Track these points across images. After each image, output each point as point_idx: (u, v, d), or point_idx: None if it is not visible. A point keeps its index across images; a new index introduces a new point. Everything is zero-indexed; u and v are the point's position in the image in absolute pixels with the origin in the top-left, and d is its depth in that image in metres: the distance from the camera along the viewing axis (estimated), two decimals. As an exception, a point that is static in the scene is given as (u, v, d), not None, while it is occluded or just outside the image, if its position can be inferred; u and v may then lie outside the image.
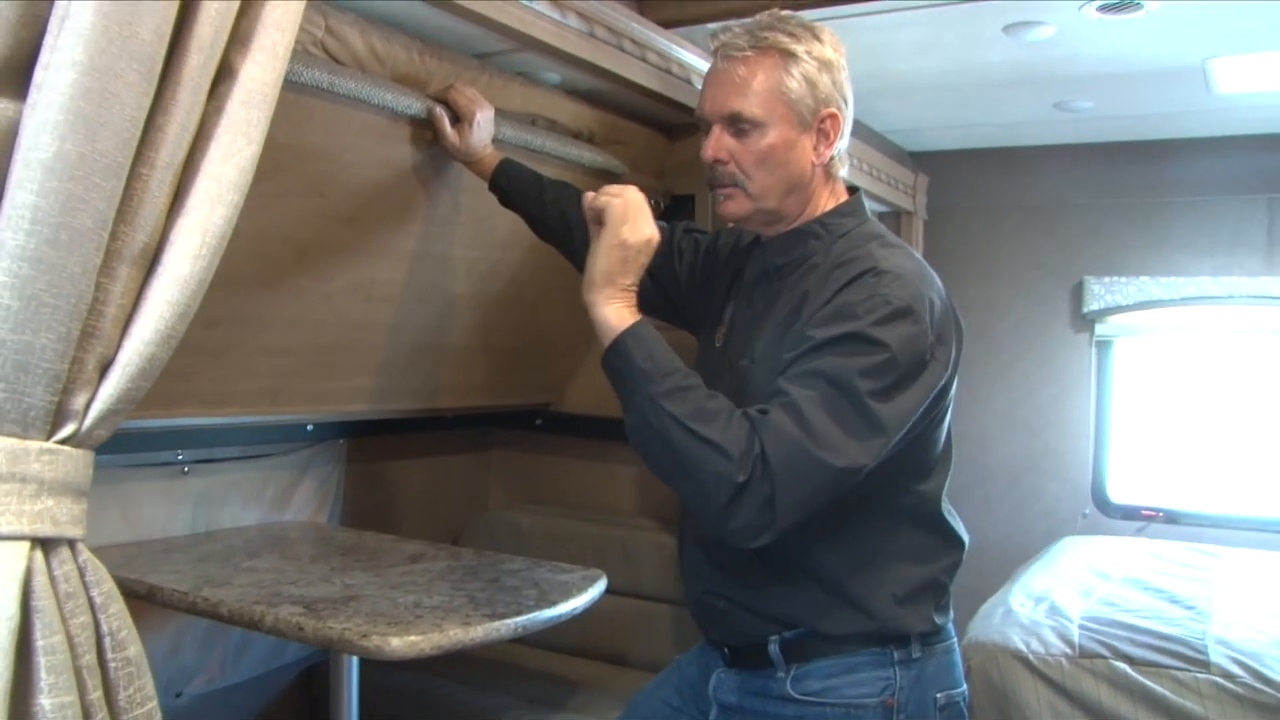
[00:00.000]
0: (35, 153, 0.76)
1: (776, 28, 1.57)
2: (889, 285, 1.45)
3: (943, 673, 1.59)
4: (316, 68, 1.74)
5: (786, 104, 1.55)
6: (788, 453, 1.37)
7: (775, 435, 1.38)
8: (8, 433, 0.81)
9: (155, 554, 2.17)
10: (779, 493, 1.36)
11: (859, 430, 1.39)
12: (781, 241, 1.64)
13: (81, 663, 0.83)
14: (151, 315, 0.86)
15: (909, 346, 1.43)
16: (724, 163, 1.59)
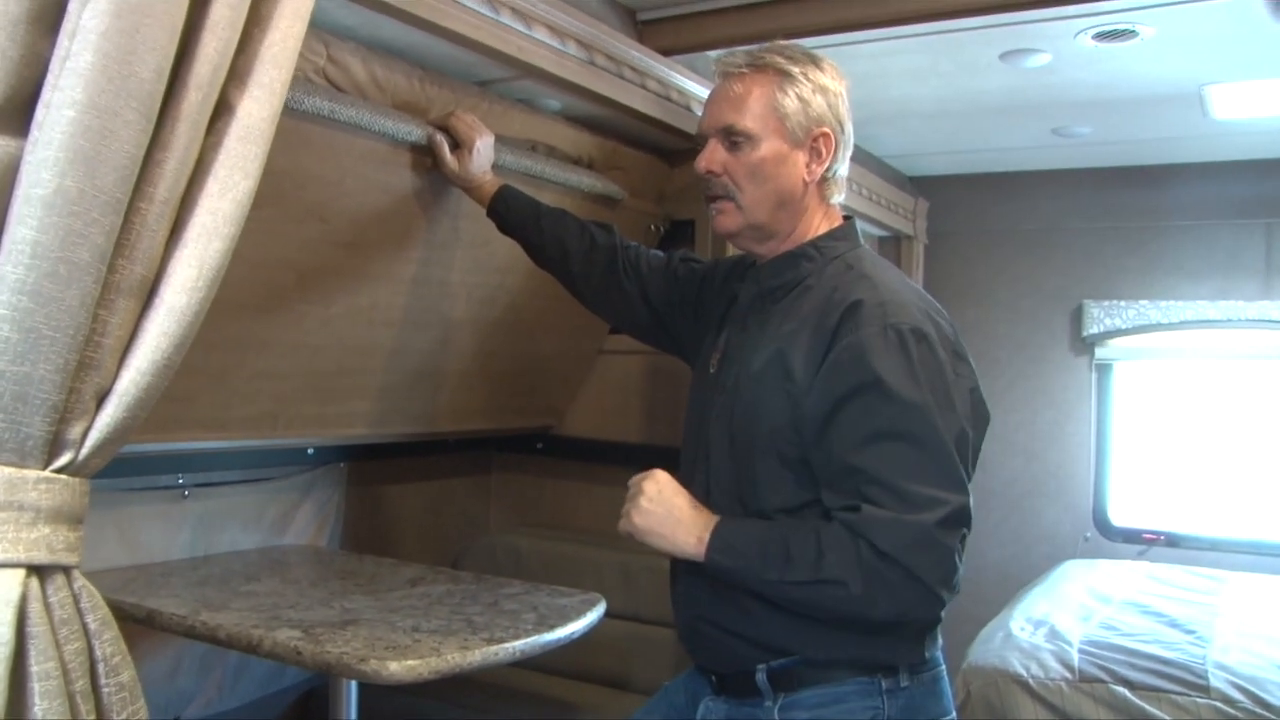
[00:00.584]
0: (36, 189, 0.78)
1: (776, 51, 1.63)
2: (895, 314, 1.49)
3: (931, 700, 1.58)
4: (318, 95, 1.76)
5: (779, 119, 1.59)
6: (895, 535, 1.41)
7: (876, 527, 1.42)
8: (5, 462, 0.82)
9: (154, 577, 2.17)
10: (916, 571, 1.41)
11: (937, 473, 1.44)
12: (775, 264, 1.67)
13: (75, 688, 0.84)
14: (148, 346, 0.87)
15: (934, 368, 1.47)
16: (717, 174, 1.64)
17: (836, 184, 1.67)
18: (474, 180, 2.06)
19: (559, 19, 2.10)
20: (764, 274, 1.69)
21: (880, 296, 1.50)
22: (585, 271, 2.01)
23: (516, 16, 2.00)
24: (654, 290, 1.96)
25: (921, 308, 1.53)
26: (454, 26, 1.87)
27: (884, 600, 1.43)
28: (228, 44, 0.87)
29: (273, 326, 2.06)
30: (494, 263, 2.42)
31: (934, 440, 1.44)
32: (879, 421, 1.45)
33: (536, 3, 2.03)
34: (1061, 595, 3.35)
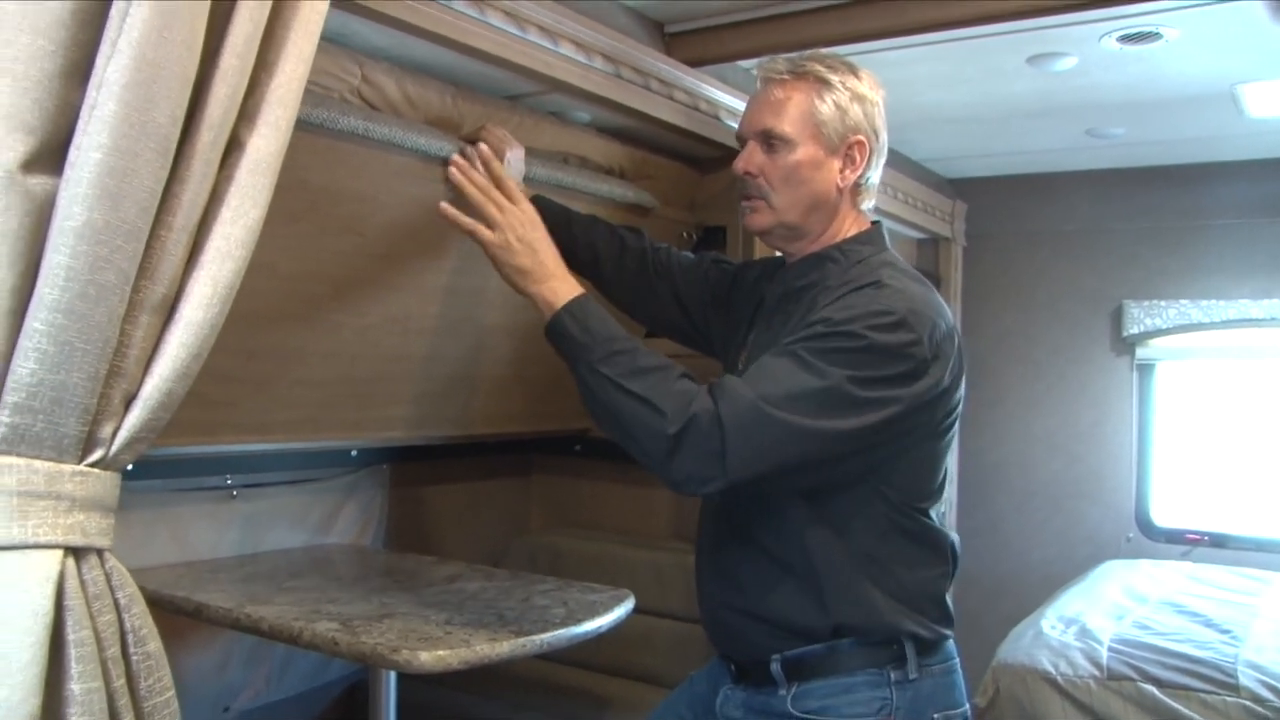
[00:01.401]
0: (68, 221, 0.89)
1: (817, 59, 1.71)
2: (888, 298, 1.54)
3: (941, 692, 1.63)
4: (352, 115, 1.84)
5: (816, 126, 1.66)
6: (739, 410, 1.47)
7: (730, 394, 1.48)
8: (45, 457, 0.93)
9: (203, 574, 2.27)
10: (729, 445, 1.45)
11: (825, 402, 1.48)
12: (801, 265, 1.74)
13: (107, 655, 0.95)
14: (169, 356, 0.98)
15: (894, 348, 1.50)
16: (753, 175, 1.71)
17: (868, 191, 1.74)
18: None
19: (585, 35, 2.16)
20: (790, 274, 1.76)
21: (883, 283, 1.57)
22: (617, 274, 2.07)
23: (543, 34, 2.07)
24: (685, 291, 2.02)
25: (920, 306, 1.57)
26: (482, 46, 1.93)
27: (684, 456, 1.47)
28: (236, 89, 0.97)
29: (310, 336, 2.15)
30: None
31: (841, 391, 1.48)
32: (808, 348, 1.51)
33: (563, 20, 2.09)
34: (1097, 594, 3.36)
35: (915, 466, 1.61)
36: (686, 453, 1.47)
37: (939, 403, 1.58)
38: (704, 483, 1.49)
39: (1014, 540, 4.37)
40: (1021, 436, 4.37)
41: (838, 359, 1.49)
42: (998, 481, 4.40)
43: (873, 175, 1.73)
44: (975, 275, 4.37)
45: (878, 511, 1.60)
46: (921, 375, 1.53)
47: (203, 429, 2.10)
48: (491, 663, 1.79)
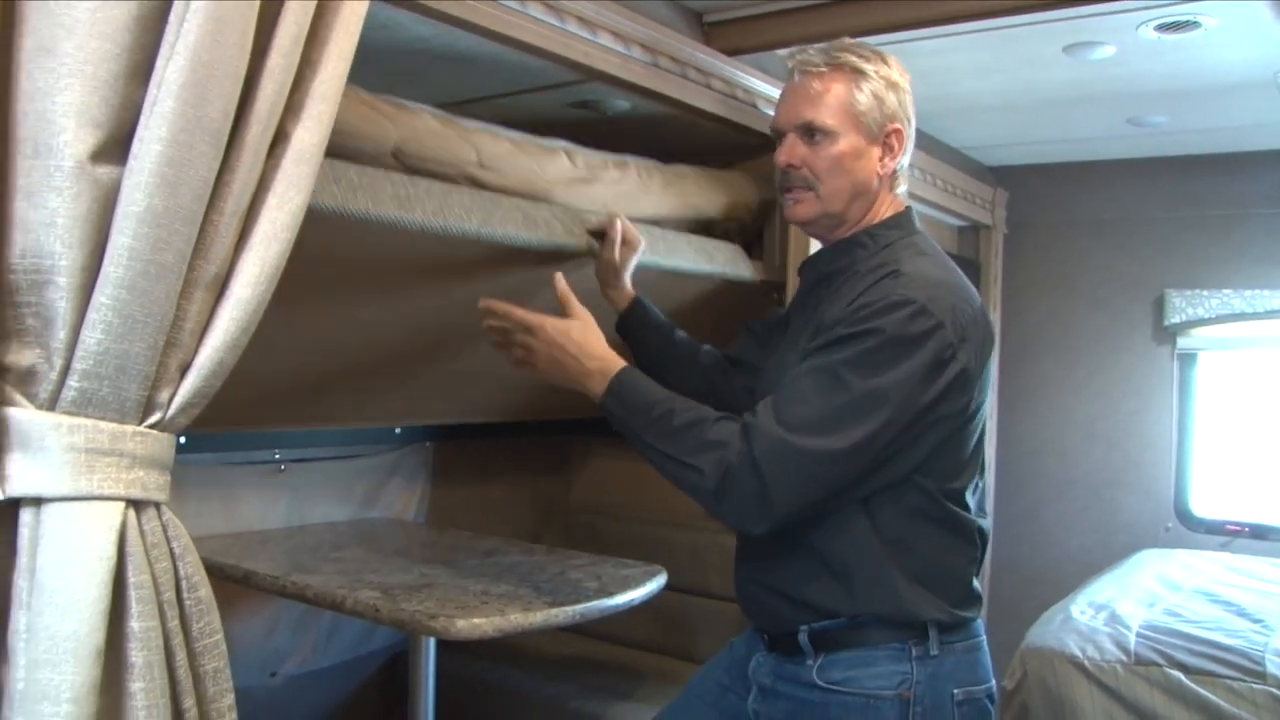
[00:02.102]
0: (131, 206, 0.98)
1: (848, 49, 1.73)
2: (904, 286, 1.57)
3: (963, 670, 1.66)
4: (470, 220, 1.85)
5: (855, 116, 1.70)
6: (772, 449, 1.52)
7: (761, 434, 1.53)
8: (110, 418, 1.03)
9: (252, 544, 2.37)
10: (770, 487, 1.52)
11: (846, 412, 1.52)
12: (832, 251, 1.78)
13: (163, 598, 1.05)
14: (220, 329, 1.08)
15: (907, 329, 1.53)
16: (796, 167, 1.73)
17: (902, 175, 1.77)
18: (622, 278, 2.11)
19: (624, 25, 2.21)
20: (821, 260, 1.80)
21: (900, 271, 1.61)
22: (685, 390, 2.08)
23: (582, 24, 2.12)
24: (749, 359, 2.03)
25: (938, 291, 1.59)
26: (523, 36, 1.98)
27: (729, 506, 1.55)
28: (283, 85, 1.06)
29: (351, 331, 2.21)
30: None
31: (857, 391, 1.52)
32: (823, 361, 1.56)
33: (602, 11, 2.14)
34: (1130, 582, 3.37)
35: (947, 451, 1.64)
36: (731, 503, 1.55)
37: (969, 385, 1.61)
38: (755, 524, 1.57)
39: (1052, 528, 4.38)
40: (1061, 424, 4.37)
41: (862, 362, 1.53)
42: (1036, 469, 4.41)
43: (905, 160, 1.76)
44: (1016, 263, 4.37)
45: (910, 498, 1.63)
46: (948, 360, 1.55)
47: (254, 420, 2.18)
48: (525, 631, 1.86)
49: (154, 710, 0.99)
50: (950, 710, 1.64)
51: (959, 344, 1.56)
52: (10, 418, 0.99)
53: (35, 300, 0.97)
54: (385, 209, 1.68)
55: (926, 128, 3.66)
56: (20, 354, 0.98)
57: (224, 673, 1.08)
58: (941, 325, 1.54)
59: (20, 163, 0.95)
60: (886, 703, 1.62)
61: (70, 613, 0.96)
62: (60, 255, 0.95)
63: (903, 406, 1.53)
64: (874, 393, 1.52)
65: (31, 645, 0.96)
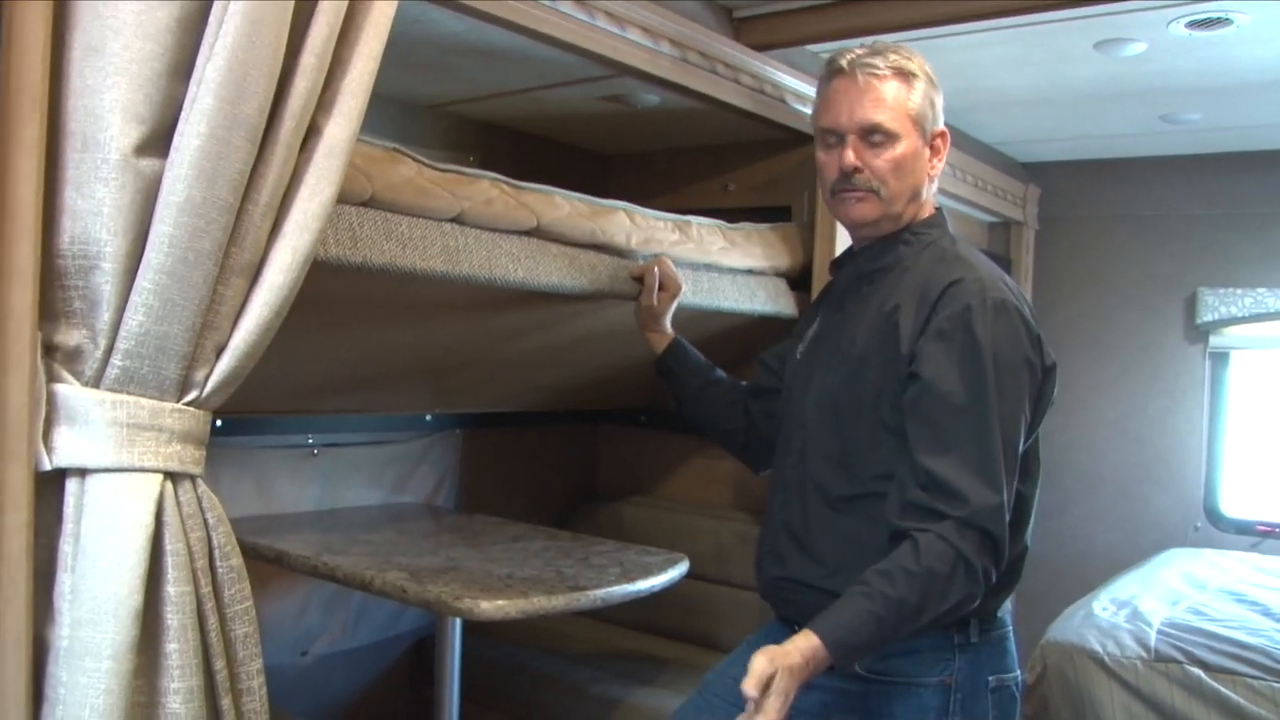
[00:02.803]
0: (172, 196, 1.04)
1: (895, 51, 1.77)
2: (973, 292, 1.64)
3: (996, 657, 1.71)
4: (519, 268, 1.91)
5: (913, 119, 1.75)
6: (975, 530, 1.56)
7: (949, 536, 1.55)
8: (150, 395, 1.09)
9: (285, 525, 2.43)
10: (998, 542, 1.58)
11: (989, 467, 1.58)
12: (875, 249, 1.82)
13: (197, 565, 1.11)
14: (254, 313, 1.14)
15: (1012, 330, 1.63)
16: (860, 170, 1.76)
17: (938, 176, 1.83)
18: (662, 322, 2.18)
19: (652, 20, 2.24)
20: (863, 258, 1.84)
21: (977, 274, 1.67)
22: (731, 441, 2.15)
23: (611, 20, 2.15)
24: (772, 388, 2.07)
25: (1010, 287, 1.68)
26: (553, 32, 2.02)
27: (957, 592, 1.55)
28: (315, 83, 1.11)
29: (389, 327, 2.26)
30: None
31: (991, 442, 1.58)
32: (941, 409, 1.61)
33: (632, 6, 2.17)
34: (1155, 580, 3.37)
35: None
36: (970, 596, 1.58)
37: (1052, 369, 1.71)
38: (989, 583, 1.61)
39: (1080, 524, 4.37)
40: (1091, 421, 4.36)
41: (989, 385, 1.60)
42: (1066, 464, 4.40)
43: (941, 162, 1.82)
44: (1047, 259, 4.36)
45: None
46: (1040, 344, 1.66)
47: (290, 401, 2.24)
48: (548, 614, 1.90)
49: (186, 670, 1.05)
50: (985, 697, 1.68)
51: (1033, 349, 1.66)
52: (58, 393, 1.05)
53: (82, 284, 1.03)
54: (434, 264, 1.73)
55: (958, 123, 3.66)
56: (68, 334, 1.05)
57: (253, 638, 1.14)
58: (1023, 302, 1.66)
59: (70, 155, 1.01)
60: (929, 690, 1.65)
61: (111, 576, 1.02)
62: (106, 242, 1.01)
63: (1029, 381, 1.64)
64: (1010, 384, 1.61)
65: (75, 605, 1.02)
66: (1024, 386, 1.63)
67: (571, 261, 2.01)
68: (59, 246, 1.02)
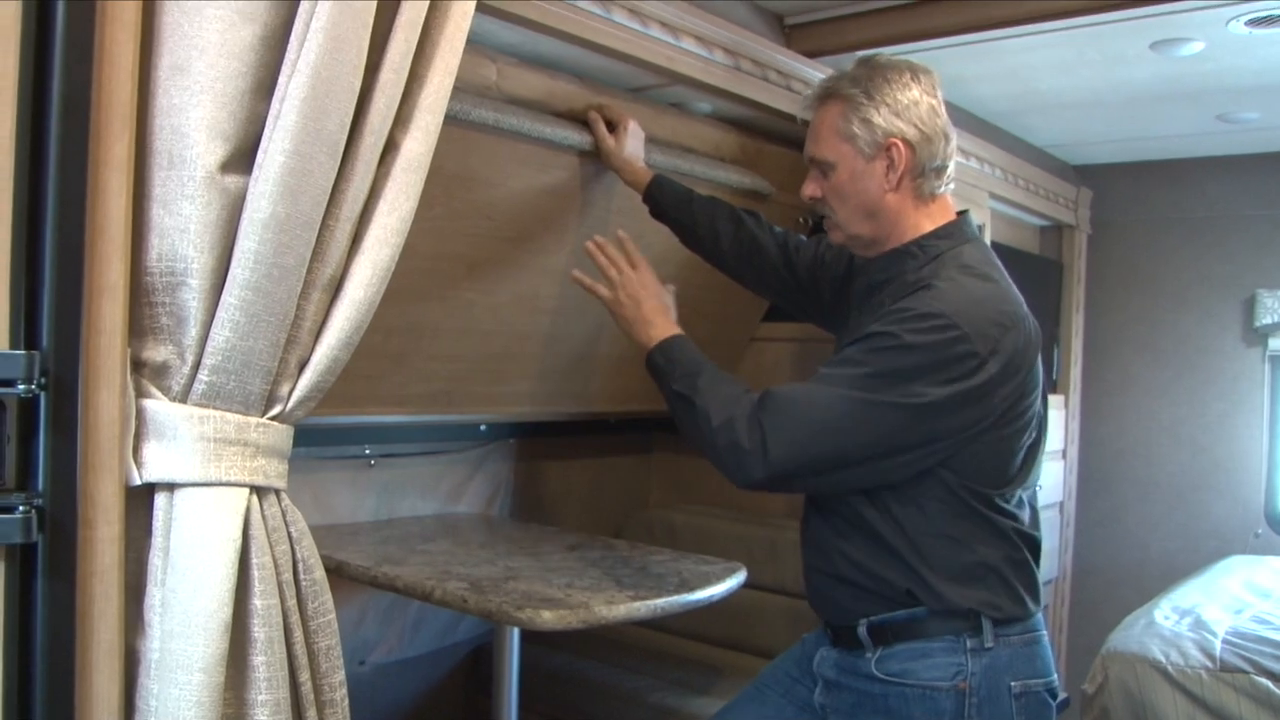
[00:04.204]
0: (257, 213, 1.05)
1: (840, 76, 1.79)
2: (935, 299, 1.62)
3: (1020, 662, 1.69)
4: (484, 107, 1.97)
5: (847, 141, 1.74)
6: (776, 407, 1.64)
7: (772, 396, 1.65)
8: (235, 410, 1.11)
9: (343, 535, 2.44)
10: (767, 439, 1.62)
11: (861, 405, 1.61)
12: (880, 260, 1.81)
13: (282, 578, 1.13)
14: (336, 328, 1.15)
15: (933, 346, 1.58)
16: (818, 199, 1.82)
17: (928, 178, 1.76)
18: (630, 162, 2.22)
19: (705, 29, 2.25)
20: (872, 269, 1.84)
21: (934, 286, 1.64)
22: (735, 251, 2.17)
23: (665, 29, 2.17)
24: (800, 269, 2.11)
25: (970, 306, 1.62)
26: (608, 42, 2.03)
27: (725, 451, 1.67)
28: (393, 100, 1.13)
29: (445, 313, 2.30)
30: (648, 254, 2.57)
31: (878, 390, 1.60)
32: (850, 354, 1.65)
33: (685, 15, 2.19)
34: (1216, 587, 3.31)
35: (980, 455, 1.66)
36: (727, 449, 1.66)
37: (993, 394, 1.62)
38: (747, 473, 1.66)
39: (1135, 531, 4.31)
40: (1146, 426, 4.31)
41: (875, 360, 1.61)
42: (1120, 470, 4.34)
43: (930, 163, 1.75)
44: (1100, 262, 4.32)
45: (946, 495, 1.67)
46: (970, 372, 1.59)
47: (348, 400, 2.27)
48: (608, 623, 1.90)
49: (274, 682, 1.06)
50: (1007, 702, 1.67)
51: (989, 355, 1.59)
52: (147, 408, 1.07)
53: (170, 300, 1.05)
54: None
55: (1008, 126, 3.63)
56: (155, 350, 1.06)
57: (335, 650, 1.15)
58: (966, 337, 1.58)
59: (157, 173, 1.03)
60: (943, 694, 1.66)
61: (201, 590, 1.04)
62: (193, 259, 1.02)
63: (909, 411, 1.59)
64: (881, 392, 1.60)
65: (166, 618, 1.04)
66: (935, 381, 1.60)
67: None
68: (147, 263, 1.04)
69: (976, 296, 1.65)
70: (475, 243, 2.22)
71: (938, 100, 1.77)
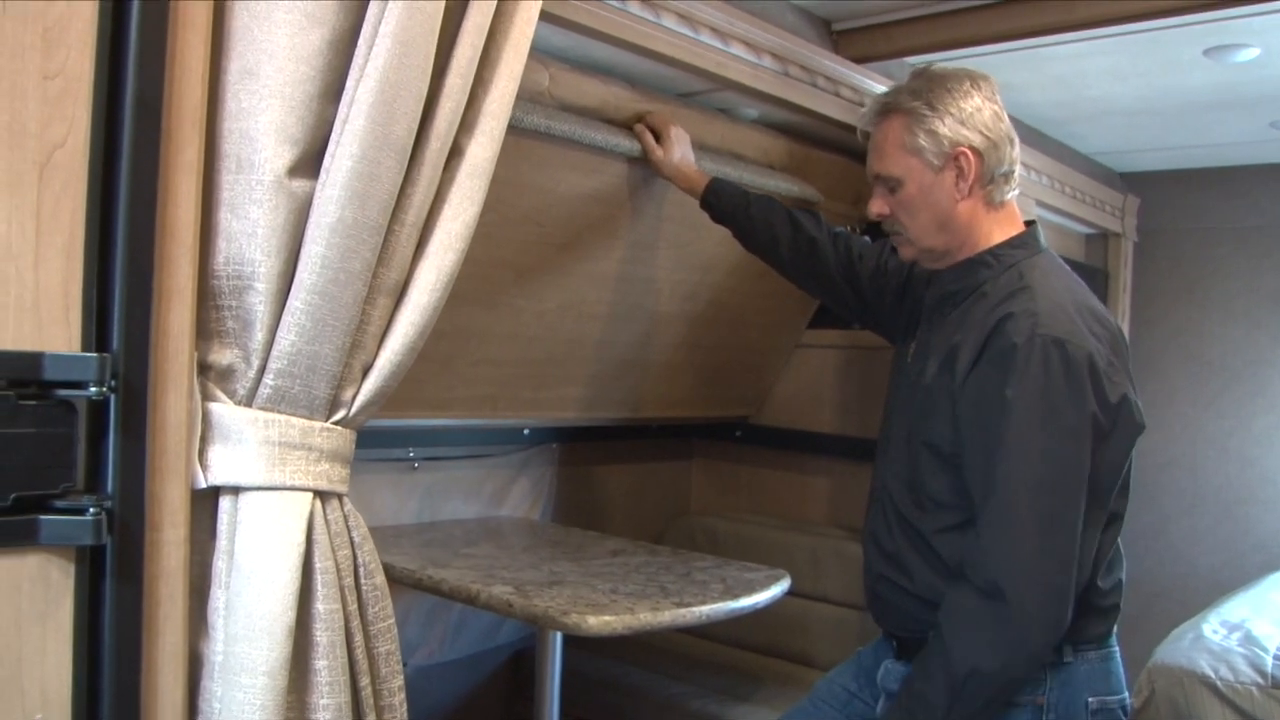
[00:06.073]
0: (324, 218, 1.05)
1: (901, 90, 1.77)
2: (1044, 324, 1.58)
3: (1097, 679, 1.67)
4: (535, 113, 1.98)
5: (914, 155, 1.72)
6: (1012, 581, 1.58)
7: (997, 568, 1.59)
8: (301, 415, 1.11)
9: (387, 538, 2.45)
10: (1015, 614, 1.57)
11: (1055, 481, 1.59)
12: (954, 271, 1.79)
13: (344, 583, 1.13)
14: (399, 333, 1.15)
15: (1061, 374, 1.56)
16: (886, 216, 1.80)
17: (997, 184, 1.74)
18: (682, 169, 2.21)
19: (755, 35, 2.25)
20: (945, 279, 1.81)
21: (1034, 307, 1.61)
22: (794, 257, 2.16)
23: (715, 35, 2.16)
24: (862, 275, 2.10)
25: (1072, 317, 1.61)
26: (657, 47, 2.03)
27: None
28: (459, 104, 1.13)
29: (493, 319, 2.31)
30: (696, 260, 2.59)
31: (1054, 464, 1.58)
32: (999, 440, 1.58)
33: (734, 21, 2.18)
34: (1266, 602, 3.25)
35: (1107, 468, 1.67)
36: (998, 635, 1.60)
37: (1126, 405, 1.62)
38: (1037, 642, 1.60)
39: (1180, 544, 4.25)
40: (1192, 438, 4.24)
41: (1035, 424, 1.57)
42: (1165, 483, 4.28)
43: (998, 169, 1.74)
44: (1147, 271, 4.25)
45: None
46: (1105, 384, 1.58)
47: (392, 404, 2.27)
48: (653, 629, 1.90)
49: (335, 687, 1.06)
50: (1084, 718, 1.65)
51: (1107, 367, 1.58)
52: (212, 412, 1.07)
53: (236, 304, 1.05)
54: None
55: (1055, 134, 3.59)
56: (221, 354, 1.07)
57: (395, 655, 1.15)
58: (1091, 354, 1.57)
59: (224, 177, 1.03)
60: (1019, 709, 1.64)
61: (266, 593, 1.04)
62: (259, 263, 1.03)
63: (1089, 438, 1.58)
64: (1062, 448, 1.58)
65: (230, 621, 1.04)
66: (1073, 436, 1.57)
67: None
68: (214, 267, 1.04)
69: (1074, 307, 1.64)
70: (524, 249, 2.23)
71: (999, 105, 1.75)
